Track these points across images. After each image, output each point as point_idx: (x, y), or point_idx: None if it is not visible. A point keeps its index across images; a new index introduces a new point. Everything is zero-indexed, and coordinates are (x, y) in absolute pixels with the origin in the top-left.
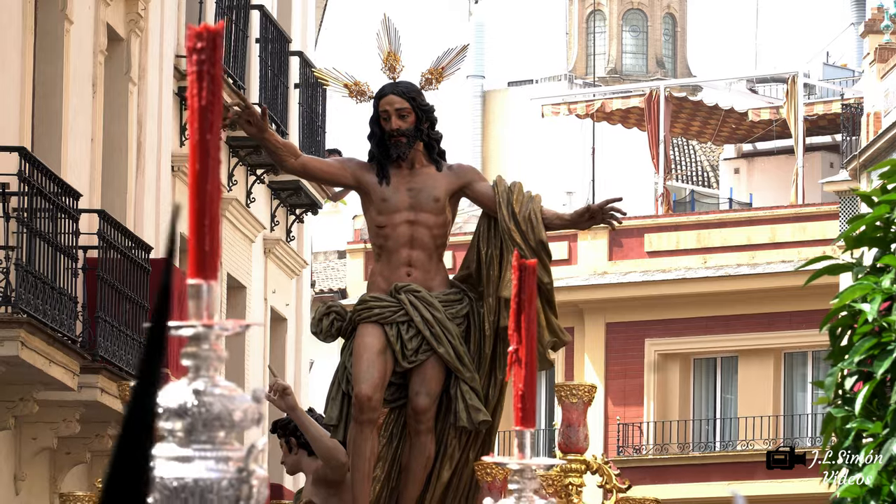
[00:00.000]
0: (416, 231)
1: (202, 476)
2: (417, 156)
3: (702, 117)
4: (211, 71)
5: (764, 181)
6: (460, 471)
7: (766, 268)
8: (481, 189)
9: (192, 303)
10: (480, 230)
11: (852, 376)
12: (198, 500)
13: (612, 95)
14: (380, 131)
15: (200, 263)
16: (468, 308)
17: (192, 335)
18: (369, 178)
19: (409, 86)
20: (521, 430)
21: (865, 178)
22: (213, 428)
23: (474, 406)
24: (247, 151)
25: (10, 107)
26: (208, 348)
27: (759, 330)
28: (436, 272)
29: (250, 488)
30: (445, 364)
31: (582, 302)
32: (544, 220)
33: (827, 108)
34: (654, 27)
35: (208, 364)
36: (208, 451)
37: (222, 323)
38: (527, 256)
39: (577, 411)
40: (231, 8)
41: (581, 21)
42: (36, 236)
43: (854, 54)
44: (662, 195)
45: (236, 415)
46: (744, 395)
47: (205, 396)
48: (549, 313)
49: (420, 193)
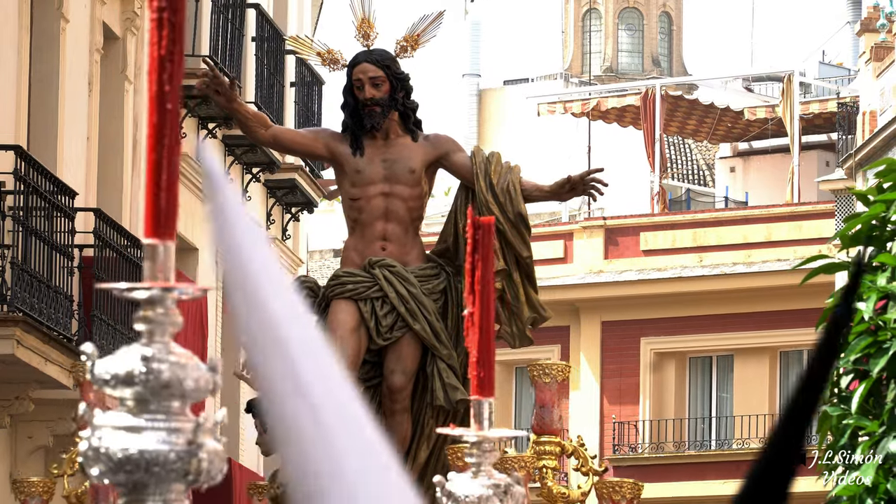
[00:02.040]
0: (391, 203)
1: (148, 448)
2: (392, 126)
3: (697, 116)
4: (172, 18)
5: (760, 180)
6: (438, 451)
7: (762, 266)
8: (458, 160)
9: (148, 264)
10: (458, 202)
11: (848, 375)
12: (142, 473)
13: (607, 94)
14: (353, 101)
15: (157, 222)
16: (445, 283)
17: (146, 298)
18: (343, 149)
19: (383, 53)
20: (479, 399)
21: (861, 176)
22: (163, 397)
23: (451, 384)
24: (242, 150)
25: (6, 105)
26: (163, 313)
27: (754, 329)
28: (412, 246)
29: (199, 462)
30: (421, 341)
31: (578, 300)
32: (523, 192)
33: (823, 106)
34: (649, 25)
35: (163, 329)
36: (159, 422)
37: (181, 286)
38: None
39: (550, 391)
40: (227, 6)
41: (577, 19)
42: (32, 235)
43: (850, 53)
44: (658, 194)
45: (187, 383)
46: (739, 394)
47: (153, 363)
48: (529, 288)
49: (395, 164)
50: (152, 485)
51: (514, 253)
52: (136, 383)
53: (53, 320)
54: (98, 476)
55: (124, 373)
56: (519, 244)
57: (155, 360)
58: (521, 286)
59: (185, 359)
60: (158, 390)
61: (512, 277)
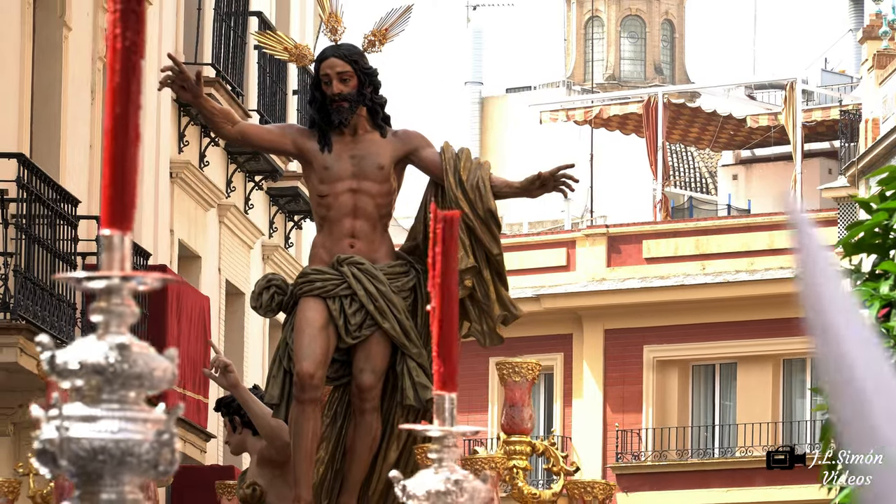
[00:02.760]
0: (359, 200)
1: (122, 437)
2: (360, 121)
3: (700, 124)
4: (135, 8)
5: (762, 187)
6: (408, 451)
7: (765, 274)
8: (427, 156)
9: (106, 255)
10: (427, 199)
11: None
12: (116, 464)
13: (610, 102)
14: (321, 96)
15: (116, 213)
16: (415, 281)
17: (104, 288)
18: (311, 145)
19: (350, 48)
20: (441, 393)
21: (864, 184)
22: (130, 387)
23: (421, 383)
24: (245, 158)
25: (8, 113)
26: (121, 303)
27: (757, 336)
28: (380, 243)
29: (172, 453)
30: (391, 339)
31: (580, 308)
32: (493, 189)
33: (825, 114)
34: (652, 33)
35: (121, 320)
36: (127, 412)
37: (140, 276)
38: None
39: (520, 390)
40: (229, 14)
41: (579, 27)
42: (35, 242)
43: (852, 60)
44: (661, 202)
45: (157, 374)
46: (742, 402)
47: (129, 353)
48: (500, 286)
49: (363, 161)
50: (108, 476)
51: (485, 250)
52: (109, 373)
53: (56, 328)
54: (61, 469)
55: (96, 362)
56: (489, 241)
57: (130, 349)
58: (491, 284)
59: (146, 349)
60: (130, 380)
61: (482, 275)
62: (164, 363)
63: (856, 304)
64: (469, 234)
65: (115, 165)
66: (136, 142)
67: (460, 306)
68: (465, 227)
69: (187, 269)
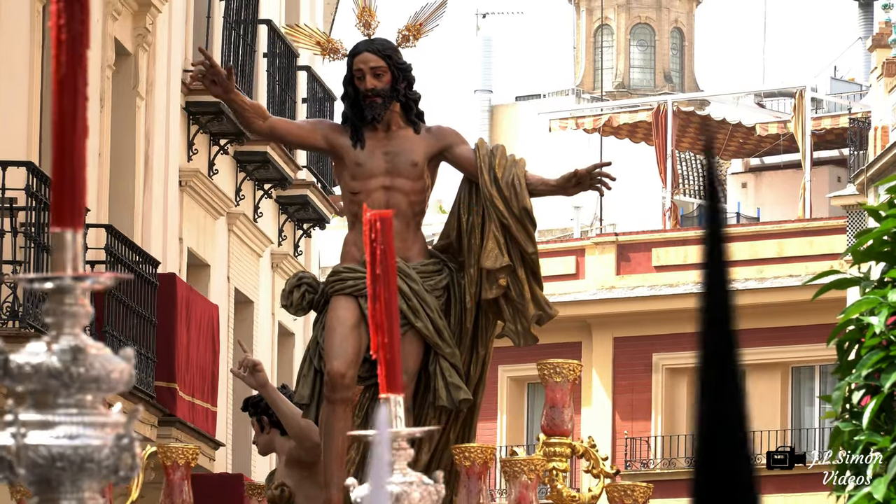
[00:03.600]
0: (392, 197)
1: (81, 444)
2: (394, 117)
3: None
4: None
5: (771, 195)
6: (440, 453)
7: (774, 282)
8: (462, 152)
9: (58, 254)
10: (461, 196)
11: (860, 390)
12: (76, 470)
13: (619, 110)
14: (354, 92)
15: (66, 209)
16: (448, 279)
17: (55, 288)
18: (343, 140)
19: (384, 43)
20: (387, 396)
21: (873, 192)
22: (87, 390)
23: (454, 384)
24: (254, 166)
25: (17, 122)
26: (74, 303)
27: (766, 344)
28: (413, 241)
29: (133, 457)
30: (424, 339)
31: (590, 316)
32: (529, 186)
33: (834, 122)
34: (661, 41)
35: (74, 321)
36: (85, 416)
37: (94, 275)
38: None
39: (561, 391)
40: (239, 22)
41: (589, 35)
42: (43, 251)
43: (861, 68)
44: (670, 209)
45: (114, 375)
46: (751, 409)
47: (86, 356)
48: (535, 285)
49: (396, 157)
50: (68, 482)
51: (519, 249)
52: (65, 377)
53: None
54: (18, 476)
55: (51, 366)
56: (524, 240)
57: (86, 352)
58: (525, 283)
59: (101, 350)
60: (87, 384)
61: (517, 274)
62: (120, 364)
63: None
64: (504, 233)
65: (63, 159)
66: (83, 135)
67: (494, 305)
68: (501, 225)
69: (196, 277)
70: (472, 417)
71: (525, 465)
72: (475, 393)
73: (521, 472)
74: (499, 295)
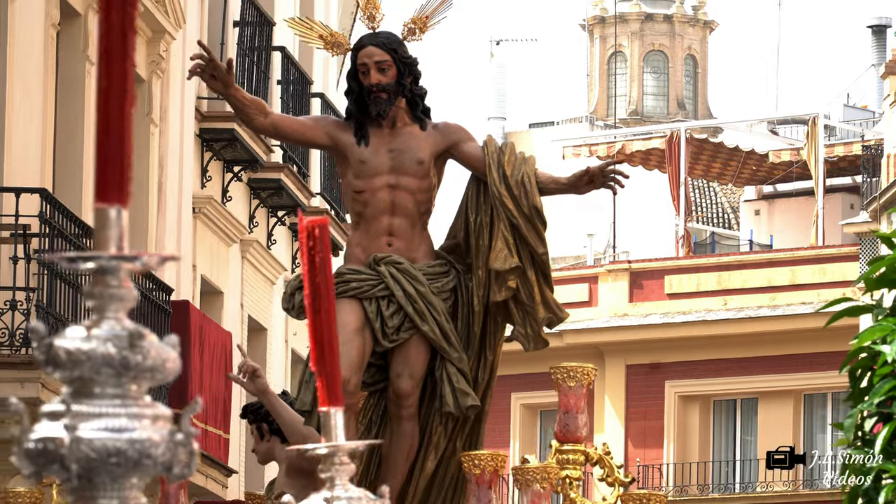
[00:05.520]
0: (397, 196)
1: (138, 437)
2: (399, 113)
3: (722, 159)
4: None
5: (784, 223)
6: (446, 461)
7: (787, 309)
8: (469, 150)
9: (100, 232)
10: (469, 195)
11: (872, 418)
12: (132, 466)
13: (632, 137)
14: (358, 87)
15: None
16: (455, 282)
17: (97, 268)
18: (346, 137)
19: (389, 36)
20: (328, 409)
21: (885, 219)
22: (141, 380)
23: (462, 390)
24: (268, 193)
25: (31, 149)
26: (118, 285)
27: (778, 371)
28: (419, 242)
29: (191, 454)
30: (430, 343)
31: (602, 344)
32: (539, 185)
33: (847, 149)
34: (675, 69)
35: (119, 304)
36: (140, 408)
37: (138, 254)
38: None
39: (575, 396)
40: (252, 49)
41: (602, 63)
42: (56, 277)
43: (874, 96)
44: (683, 237)
45: (169, 365)
46: (764, 437)
47: (143, 342)
48: (545, 288)
49: (402, 155)
50: (113, 480)
51: (529, 249)
52: (119, 365)
53: None
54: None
55: (105, 354)
56: (534, 240)
57: (143, 339)
58: (536, 285)
59: (154, 337)
60: (143, 373)
61: (527, 275)
62: (172, 353)
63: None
64: (513, 233)
65: (107, 131)
66: (130, 105)
67: (503, 308)
68: (510, 224)
69: (210, 304)
70: (480, 424)
71: (538, 474)
72: (483, 399)
73: (534, 481)
74: (508, 297)
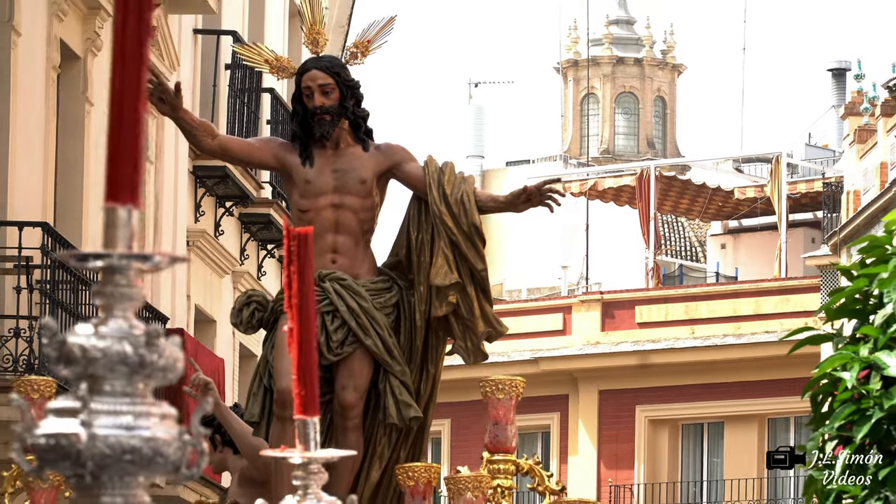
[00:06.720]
0: (341, 215)
1: (152, 436)
2: (342, 135)
3: (690, 195)
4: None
5: (749, 256)
6: (390, 471)
7: (751, 338)
8: (411, 170)
9: (110, 231)
10: (411, 213)
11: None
12: (145, 464)
13: (604, 174)
14: (302, 109)
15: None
16: (398, 297)
17: (106, 266)
18: (292, 158)
19: (332, 60)
20: (303, 419)
21: (845, 252)
22: (153, 379)
23: (404, 401)
24: (258, 227)
25: (33, 184)
26: (126, 284)
27: (744, 397)
28: (363, 259)
29: (202, 454)
30: (373, 357)
31: (576, 370)
32: (478, 203)
33: (809, 186)
34: (645, 110)
35: (127, 304)
36: (152, 407)
37: (146, 253)
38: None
39: (504, 407)
40: (243, 91)
41: (576, 104)
42: (58, 307)
43: (834, 135)
44: (652, 269)
45: (178, 365)
46: (729, 459)
47: (160, 342)
48: (485, 303)
49: (345, 175)
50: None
51: (469, 266)
52: (135, 363)
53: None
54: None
55: (121, 352)
56: (473, 257)
57: (159, 338)
58: (475, 300)
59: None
60: (156, 372)
61: (466, 291)
62: (181, 354)
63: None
64: (453, 250)
65: (120, 129)
66: (143, 105)
67: (444, 323)
68: (450, 242)
69: (203, 332)
70: (423, 436)
71: (470, 483)
72: (425, 411)
73: (466, 490)
74: (448, 312)
